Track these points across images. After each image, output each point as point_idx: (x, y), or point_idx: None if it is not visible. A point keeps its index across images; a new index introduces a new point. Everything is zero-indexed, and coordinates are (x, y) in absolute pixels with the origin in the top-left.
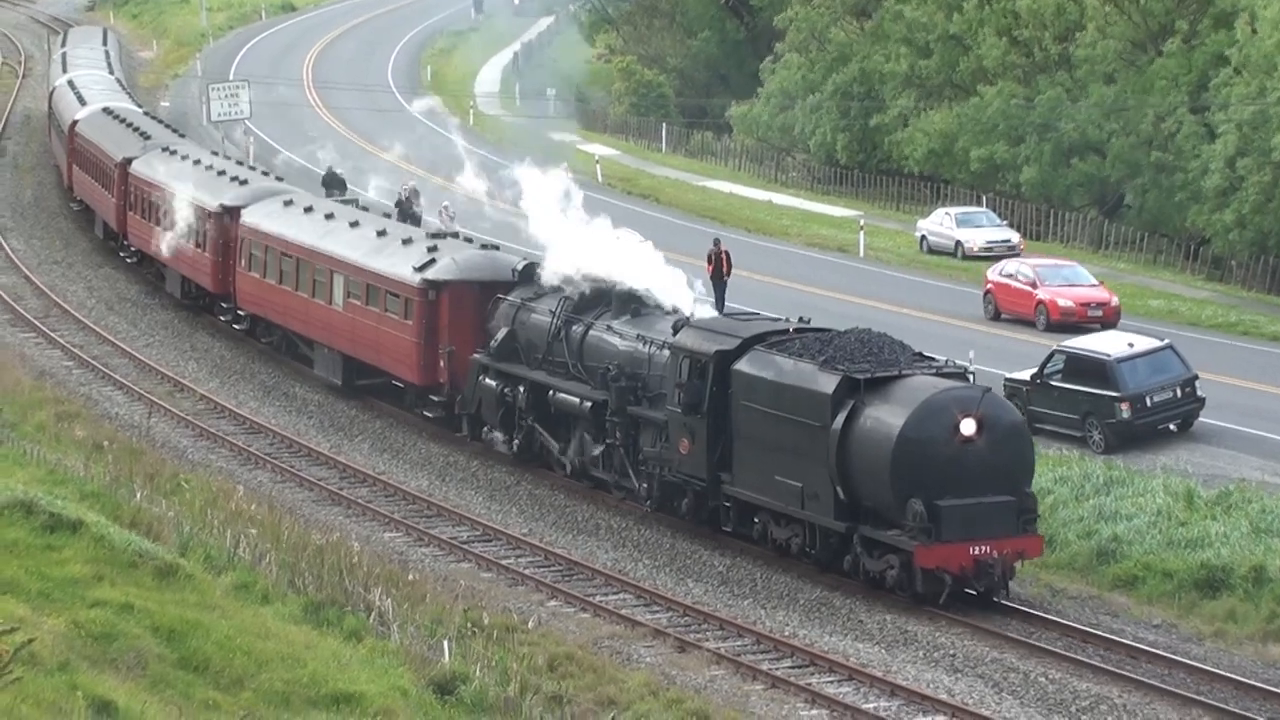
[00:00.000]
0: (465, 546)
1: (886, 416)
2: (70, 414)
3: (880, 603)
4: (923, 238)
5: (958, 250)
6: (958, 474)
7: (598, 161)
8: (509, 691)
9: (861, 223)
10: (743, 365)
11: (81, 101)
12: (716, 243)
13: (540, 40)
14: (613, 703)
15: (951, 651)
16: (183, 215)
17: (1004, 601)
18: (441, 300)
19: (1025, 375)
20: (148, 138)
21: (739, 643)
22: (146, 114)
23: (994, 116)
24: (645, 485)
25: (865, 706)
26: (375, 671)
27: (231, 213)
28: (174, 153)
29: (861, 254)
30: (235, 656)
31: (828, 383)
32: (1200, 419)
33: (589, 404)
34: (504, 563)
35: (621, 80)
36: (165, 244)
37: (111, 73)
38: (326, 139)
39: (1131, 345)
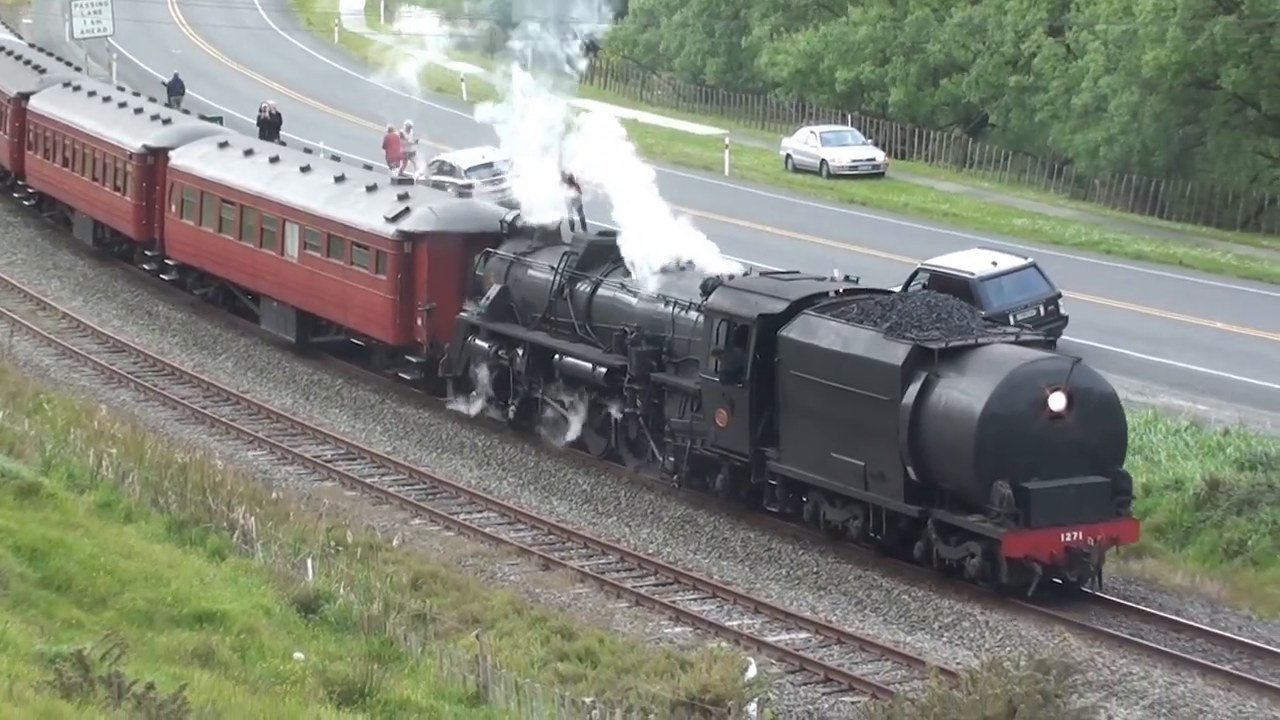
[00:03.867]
0: (329, 465)
1: (967, 391)
2: None
3: (744, 520)
4: (788, 156)
5: (823, 169)
6: (1046, 453)
7: (463, 79)
8: (372, 610)
9: (727, 141)
10: (791, 331)
11: None
12: None
13: None
14: (477, 621)
15: (815, 569)
16: (97, 156)
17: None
18: (419, 253)
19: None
20: (43, 71)
21: (603, 560)
22: (35, 46)
23: (862, 38)
24: (672, 458)
25: (729, 624)
26: (238, 590)
27: (157, 154)
28: (78, 88)
29: (727, 172)
30: (98, 576)
31: (896, 353)
32: (1063, 337)
33: (604, 369)
34: (368, 481)
35: None
36: (75, 186)
37: None
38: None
39: (995, 264)
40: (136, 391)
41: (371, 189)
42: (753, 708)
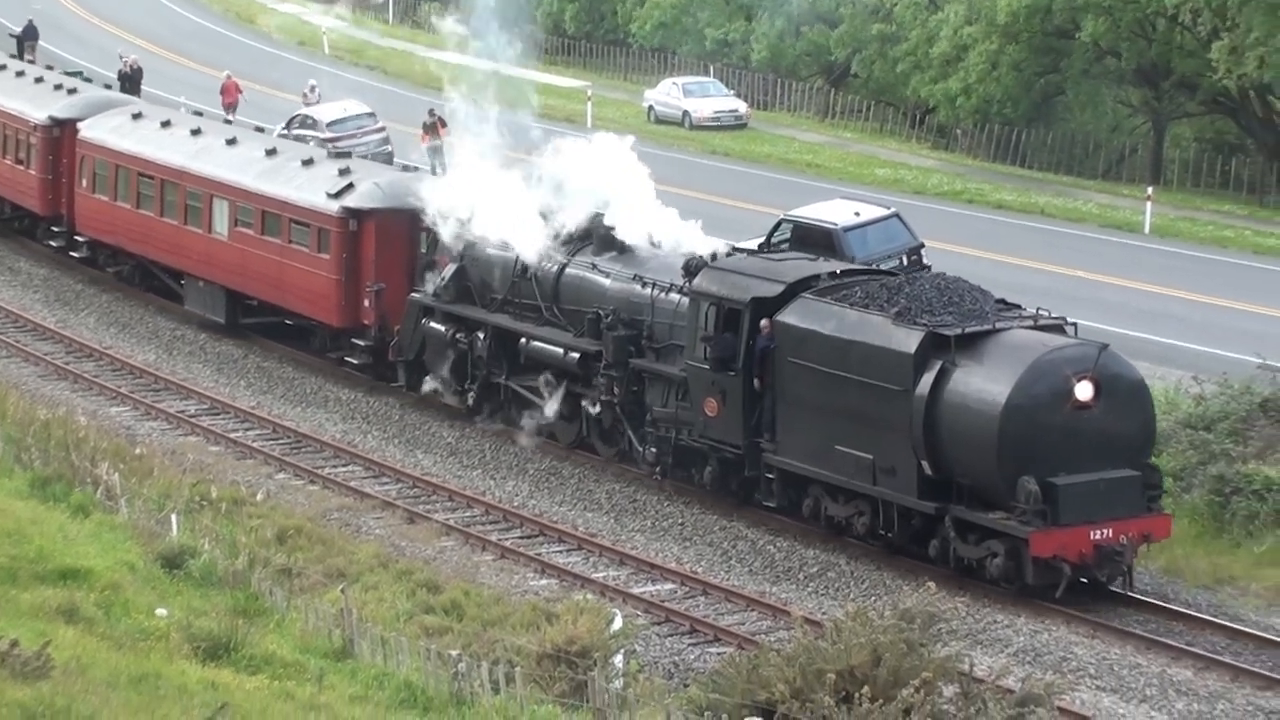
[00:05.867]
0: (193, 420)
1: (987, 380)
2: None
3: (609, 473)
4: (650, 108)
5: (685, 120)
6: (1073, 446)
7: (325, 33)
8: (237, 565)
9: (589, 93)
10: (788, 316)
11: None
12: (431, 112)
13: None
14: (342, 575)
15: (680, 521)
16: None
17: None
18: (365, 231)
19: (753, 244)
20: None
21: (468, 513)
22: None
23: None
24: (654, 449)
25: (594, 576)
26: (103, 546)
27: (64, 126)
28: None
29: (589, 124)
30: None
31: (908, 339)
32: None
33: (576, 355)
34: (232, 436)
35: None
36: None
37: None
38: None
39: (858, 214)
40: None
41: (308, 163)
42: (619, 659)
